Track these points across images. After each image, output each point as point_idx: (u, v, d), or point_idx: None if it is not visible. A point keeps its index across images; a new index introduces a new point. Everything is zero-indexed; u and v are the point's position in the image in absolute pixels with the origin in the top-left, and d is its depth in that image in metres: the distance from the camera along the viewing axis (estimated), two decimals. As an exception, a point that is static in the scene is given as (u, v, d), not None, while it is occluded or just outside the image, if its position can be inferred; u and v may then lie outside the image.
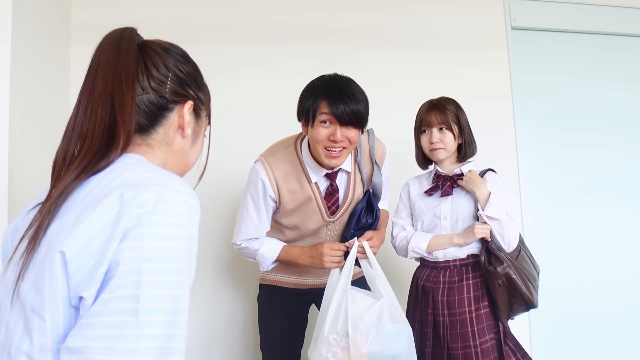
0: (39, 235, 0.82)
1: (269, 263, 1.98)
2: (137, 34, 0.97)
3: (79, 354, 0.72)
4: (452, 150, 2.00)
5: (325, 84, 1.79)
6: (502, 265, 1.85)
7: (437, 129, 1.98)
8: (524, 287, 1.86)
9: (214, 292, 2.59)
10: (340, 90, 1.75)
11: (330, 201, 1.94)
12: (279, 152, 1.93)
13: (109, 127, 0.88)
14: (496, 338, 1.90)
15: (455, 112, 1.99)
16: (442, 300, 1.94)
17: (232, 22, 2.76)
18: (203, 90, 1.03)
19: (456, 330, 1.90)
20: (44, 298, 0.78)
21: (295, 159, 1.91)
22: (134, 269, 0.74)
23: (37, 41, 2.12)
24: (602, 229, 3.03)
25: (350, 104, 1.73)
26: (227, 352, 2.58)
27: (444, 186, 2.00)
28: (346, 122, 1.74)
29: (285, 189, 1.89)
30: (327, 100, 1.74)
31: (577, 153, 3.07)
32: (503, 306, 1.89)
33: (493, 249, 1.88)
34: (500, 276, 1.85)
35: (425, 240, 1.99)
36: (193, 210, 0.82)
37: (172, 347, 0.75)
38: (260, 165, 1.89)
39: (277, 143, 1.99)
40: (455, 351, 1.88)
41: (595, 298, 2.97)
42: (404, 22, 2.94)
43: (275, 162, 1.89)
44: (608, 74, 3.16)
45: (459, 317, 1.90)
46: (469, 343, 1.87)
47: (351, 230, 1.96)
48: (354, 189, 1.97)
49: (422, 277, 2.05)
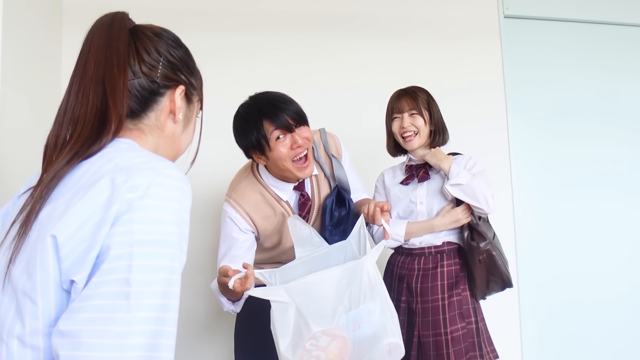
0: (31, 220, 0.82)
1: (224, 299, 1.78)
2: (128, 19, 0.97)
3: (70, 337, 0.72)
4: (425, 135, 1.97)
5: (255, 108, 1.76)
6: (485, 242, 1.86)
7: (408, 114, 1.96)
8: (502, 265, 1.88)
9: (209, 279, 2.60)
10: (272, 102, 1.74)
11: (304, 210, 1.92)
12: (239, 184, 1.90)
13: (100, 112, 0.88)
14: (468, 327, 1.89)
15: (426, 99, 1.98)
16: (416, 287, 1.93)
17: (223, 9, 2.75)
18: (195, 75, 1.03)
19: (428, 317, 1.88)
20: (35, 282, 0.78)
21: (258, 184, 1.88)
22: (125, 253, 0.75)
23: (28, 25, 2.10)
24: (593, 220, 3.05)
25: (288, 107, 1.73)
26: (224, 336, 2.59)
27: (419, 174, 2.00)
28: (296, 125, 1.74)
29: (258, 217, 1.86)
30: (268, 119, 1.72)
31: (569, 144, 3.07)
32: (480, 283, 1.89)
33: (475, 224, 1.88)
34: (482, 252, 1.86)
35: (402, 227, 1.96)
36: (184, 195, 0.83)
37: (163, 330, 0.76)
38: (227, 205, 1.87)
39: (235, 177, 1.97)
40: (426, 339, 1.87)
41: (585, 287, 3.00)
42: (395, 10, 2.93)
43: (240, 196, 1.86)
44: (602, 64, 3.16)
45: (431, 305, 1.89)
46: (440, 330, 1.85)
47: (328, 227, 1.92)
48: (318, 190, 1.94)
49: (397, 264, 2.03)
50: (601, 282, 3.01)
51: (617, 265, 3.05)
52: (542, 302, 2.94)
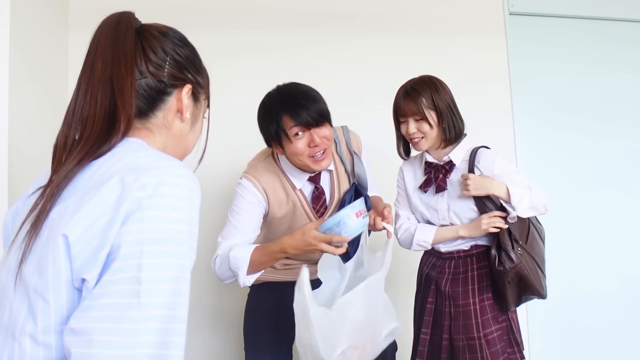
0: (41, 219, 0.83)
1: (244, 269, 1.73)
2: (135, 18, 0.97)
3: (82, 334, 0.73)
4: (433, 137, 1.87)
5: (278, 100, 1.76)
6: (513, 264, 1.78)
7: (412, 119, 1.86)
8: (535, 280, 1.81)
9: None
10: (294, 97, 1.73)
11: (318, 204, 1.92)
12: (258, 164, 1.90)
13: (109, 112, 0.88)
14: (502, 328, 1.87)
15: (430, 96, 1.84)
16: (446, 290, 1.91)
17: (229, 8, 2.76)
18: (201, 73, 1.03)
19: (459, 322, 1.86)
20: (47, 280, 0.79)
21: (276, 167, 1.89)
22: (136, 252, 0.75)
23: (35, 26, 2.11)
24: (599, 212, 3.05)
25: (309, 105, 1.71)
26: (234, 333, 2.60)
27: (437, 179, 1.91)
28: (316, 124, 1.73)
29: (273, 198, 1.87)
30: (288, 114, 1.71)
31: (575, 137, 3.07)
32: (512, 299, 1.85)
33: (505, 244, 1.80)
34: (510, 275, 1.79)
35: (430, 234, 1.93)
36: (193, 194, 0.83)
37: (173, 328, 0.76)
38: (245, 180, 1.86)
39: (254, 158, 1.97)
40: (457, 342, 1.85)
41: (591, 280, 2.99)
42: (401, 7, 2.93)
43: (259, 175, 1.87)
44: (606, 60, 3.16)
45: (462, 309, 1.87)
46: (473, 335, 1.83)
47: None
48: (338, 184, 1.94)
49: (427, 264, 2.03)
50: (606, 276, 3.01)
51: (624, 258, 3.04)
52: (550, 296, 2.93)
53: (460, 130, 1.90)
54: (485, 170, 1.87)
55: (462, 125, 1.91)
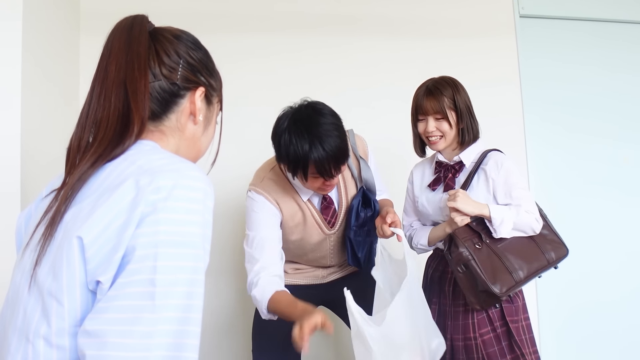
0: (56, 221, 0.83)
1: (263, 309, 1.72)
2: (148, 21, 0.97)
3: (96, 337, 0.73)
4: (451, 137, 1.88)
5: (307, 145, 1.66)
6: (458, 251, 1.75)
7: (432, 117, 1.86)
8: (484, 274, 1.72)
9: (230, 279, 2.63)
10: (323, 147, 1.65)
11: (328, 214, 1.92)
12: (265, 175, 1.89)
13: (122, 115, 0.89)
14: (500, 330, 1.82)
15: (452, 96, 1.85)
16: (449, 290, 1.91)
17: (240, 12, 2.77)
18: (214, 76, 1.03)
19: (458, 321, 1.86)
20: (61, 283, 0.79)
21: (283, 179, 1.87)
22: (150, 254, 0.75)
23: (47, 30, 2.13)
24: (611, 216, 3.03)
25: (336, 157, 1.67)
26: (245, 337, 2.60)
27: (445, 178, 1.92)
28: (336, 174, 1.72)
29: (285, 208, 1.86)
30: (315, 165, 1.67)
31: (586, 140, 3.06)
32: (468, 294, 1.78)
33: (455, 233, 1.79)
34: (456, 262, 1.76)
35: (425, 236, 1.95)
36: (207, 196, 0.83)
37: (187, 330, 0.76)
38: (255, 193, 1.85)
39: (259, 169, 1.95)
40: (457, 342, 1.85)
41: (603, 286, 2.97)
42: (410, 9, 2.93)
43: (266, 186, 1.86)
44: (617, 62, 3.15)
45: (462, 308, 1.86)
46: (470, 335, 1.82)
47: (353, 227, 1.91)
48: (346, 191, 1.94)
49: (432, 265, 2.03)
50: (620, 281, 2.99)
51: (637, 262, 3.02)
52: (561, 302, 2.91)
53: (476, 133, 1.92)
54: (491, 172, 1.87)
55: (478, 129, 1.92)
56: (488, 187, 1.87)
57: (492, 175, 1.86)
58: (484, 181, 1.88)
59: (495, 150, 1.94)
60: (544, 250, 1.86)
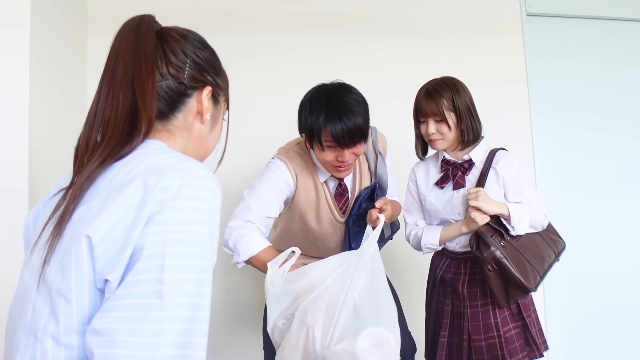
0: (65, 220, 0.84)
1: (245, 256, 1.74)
2: (155, 21, 0.98)
3: (104, 335, 0.73)
4: (451, 139, 1.90)
5: (323, 109, 1.74)
6: (489, 250, 1.77)
7: (432, 120, 1.88)
8: (516, 271, 1.77)
9: (237, 278, 2.63)
10: (338, 111, 1.72)
11: (341, 202, 1.94)
12: (292, 148, 1.95)
13: (130, 114, 0.89)
14: (519, 326, 1.87)
15: (451, 98, 1.85)
16: (463, 291, 1.90)
17: (246, 11, 2.77)
18: (221, 76, 1.04)
19: (478, 322, 1.86)
20: (70, 281, 0.79)
21: (307, 155, 1.93)
22: (158, 253, 0.76)
23: (54, 30, 2.14)
24: (619, 215, 3.01)
25: (351, 125, 1.71)
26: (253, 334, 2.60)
27: (455, 177, 1.92)
28: (350, 145, 1.75)
29: (302, 182, 1.89)
30: (328, 128, 1.72)
31: (593, 138, 3.05)
32: (498, 292, 1.81)
33: (482, 232, 1.81)
34: (489, 261, 1.78)
35: (436, 235, 1.96)
36: (214, 195, 0.83)
37: (195, 329, 0.77)
38: (278, 160, 1.89)
39: (287, 143, 2.01)
40: (477, 342, 1.85)
41: (611, 286, 2.95)
42: (418, 9, 2.93)
43: (291, 158, 1.90)
44: (624, 60, 3.13)
45: (481, 309, 1.87)
46: (493, 334, 1.83)
47: (353, 215, 1.94)
48: (360, 182, 1.96)
49: (441, 266, 2.01)
50: (628, 282, 2.97)
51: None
52: (568, 303, 2.90)
53: (477, 132, 1.92)
54: (502, 171, 1.89)
55: (480, 128, 1.93)
56: (499, 186, 1.89)
57: (504, 174, 1.89)
58: (495, 180, 1.89)
59: (502, 149, 1.96)
60: (550, 244, 1.92)
